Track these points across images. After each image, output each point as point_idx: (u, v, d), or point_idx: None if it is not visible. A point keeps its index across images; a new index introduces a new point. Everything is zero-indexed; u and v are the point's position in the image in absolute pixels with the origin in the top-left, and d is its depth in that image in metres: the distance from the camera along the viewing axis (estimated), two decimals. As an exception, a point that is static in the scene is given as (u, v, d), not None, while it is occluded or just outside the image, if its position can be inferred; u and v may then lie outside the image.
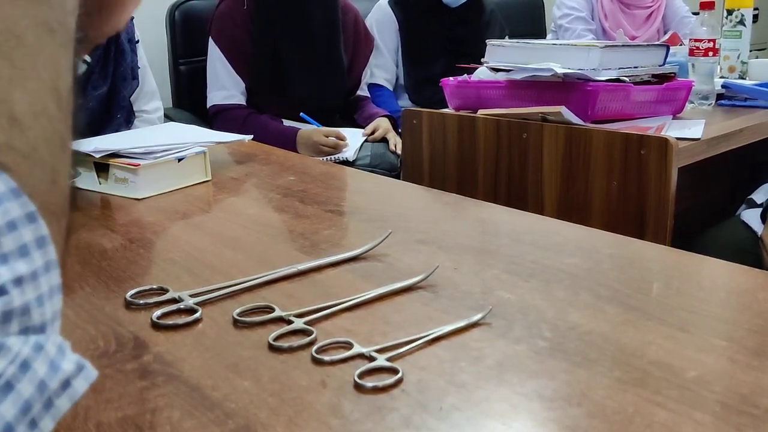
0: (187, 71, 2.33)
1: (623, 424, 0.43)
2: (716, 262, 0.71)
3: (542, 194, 1.39)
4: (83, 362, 0.26)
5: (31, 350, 0.24)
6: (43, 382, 0.24)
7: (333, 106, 2.32)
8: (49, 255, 0.25)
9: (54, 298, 0.26)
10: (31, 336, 0.24)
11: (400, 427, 0.44)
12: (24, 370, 0.23)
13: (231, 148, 1.26)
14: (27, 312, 0.24)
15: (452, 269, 0.68)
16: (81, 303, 0.63)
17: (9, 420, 0.23)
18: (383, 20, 2.52)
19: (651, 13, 2.61)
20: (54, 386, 0.24)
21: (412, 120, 1.61)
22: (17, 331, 0.24)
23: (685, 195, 1.33)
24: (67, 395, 0.25)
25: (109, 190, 0.99)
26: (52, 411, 0.25)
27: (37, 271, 0.25)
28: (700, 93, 1.67)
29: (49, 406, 0.24)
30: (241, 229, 0.83)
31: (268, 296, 0.63)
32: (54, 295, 0.26)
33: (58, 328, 0.26)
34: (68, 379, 0.25)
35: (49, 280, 0.25)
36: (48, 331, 0.25)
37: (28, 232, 0.25)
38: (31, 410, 0.24)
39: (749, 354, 0.51)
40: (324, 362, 0.51)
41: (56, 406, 0.25)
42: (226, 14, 2.15)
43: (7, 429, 0.22)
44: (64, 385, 0.25)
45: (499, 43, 1.57)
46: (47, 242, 0.25)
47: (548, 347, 0.53)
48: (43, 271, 0.25)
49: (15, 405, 0.23)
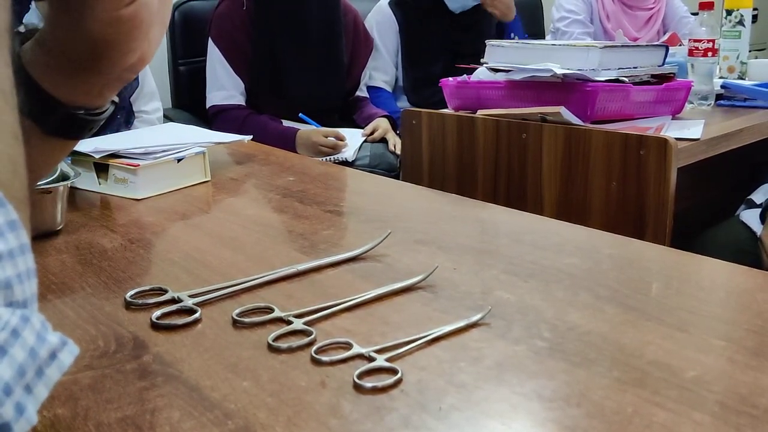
0: (187, 72, 2.33)
1: (622, 425, 0.43)
2: (715, 263, 0.71)
3: (541, 194, 1.39)
4: (65, 338, 0.26)
5: (19, 320, 0.24)
6: (34, 350, 0.24)
7: (332, 107, 2.32)
8: (22, 238, 0.26)
9: (31, 279, 0.26)
10: (17, 309, 0.25)
11: (400, 427, 0.44)
12: (15, 336, 0.24)
13: (230, 148, 1.26)
14: (10, 287, 0.25)
15: (451, 269, 0.68)
16: (81, 303, 0.63)
17: (7, 380, 0.23)
18: (383, 22, 2.51)
19: (652, 15, 2.61)
20: (43, 355, 0.25)
21: (411, 120, 1.61)
22: (3, 303, 0.24)
23: (684, 195, 1.33)
24: (56, 365, 0.26)
25: (109, 191, 0.99)
26: (44, 379, 0.25)
27: (13, 250, 0.25)
28: (699, 93, 1.67)
29: (40, 374, 0.25)
30: (240, 229, 0.83)
31: (268, 297, 0.63)
32: (31, 277, 0.26)
33: (36, 310, 0.27)
34: (54, 351, 0.26)
35: (25, 261, 0.26)
36: (30, 308, 0.26)
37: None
38: (26, 375, 0.24)
39: (748, 354, 0.51)
40: (323, 362, 0.51)
41: (47, 375, 0.25)
42: (225, 15, 2.15)
43: (6, 389, 0.23)
44: (51, 356, 0.25)
45: (499, 43, 1.58)
46: (19, 226, 0.26)
47: (547, 347, 0.53)
48: (19, 252, 0.26)
49: (11, 367, 0.23)
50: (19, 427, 0.23)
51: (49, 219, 0.82)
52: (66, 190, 0.85)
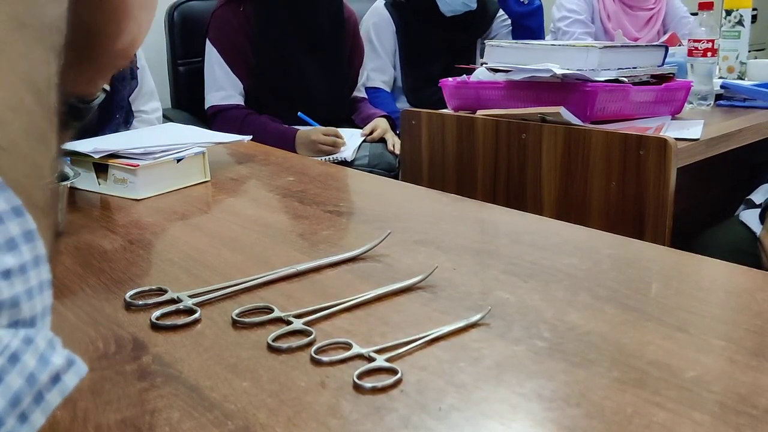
0: (186, 72, 2.33)
1: (622, 425, 0.43)
2: (715, 263, 0.71)
3: (541, 194, 1.39)
4: (73, 357, 0.26)
5: (20, 343, 0.24)
6: (33, 375, 0.24)
7: (337, 106, 2.33)
8: (37, 250, 0.25)
9: (44, 292, 0.25)
10: (20, 329, 0.24)
11: (399, 427, 0.44)
12: (13, 362, 0.23)
13: (230, 148, 1.26)
14: (17, 305, 0.24)
15: (451, 270, 0.68)
16: (81, 304, 0.63)
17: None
18: (381, 23, 2.52)
19: (652, 15, 2.61)
20: (44, 380, 0.24)
21: (410, 120, 1.61)
22: (6, 323, 0.24)
23: (684, 195, 1.33)
24: (58, 389, 0.25)
25: (109, 191, 0.99)
26: (43, 405, 0.24)
27: (25, 264, 0.24)
28: (699, 93, 1.67)
29: (39, 400, 0.24)
30: (240, 229, 0.83)
31: (267, 297, 0.63)
32: (44, 290, 0.25)
33: (48, 323, 0.26)
34: (58, 374, 0.25)
35: (38, 274, 0.25)
36: (38, 325, 0.25)
37: (15, 226, 0.24)
38: (21, 403, 0.23)
39: (748, 354, 0.51)
40: (323, 363, 0.51)
41: (47, 400, 0.24)
42: (223, 16, 2.15)
43: None
44: (54, 380, 0.25)
45: (498, 43, 1.58)
46: (35, 237, 0.25)
47: (547, 348, 0.53)
48: (32, 265, 0.25)
49: (4, 397, 0.23)
50: None
51: (48, 219, 0.82)
52: (65, 190, 0.84)
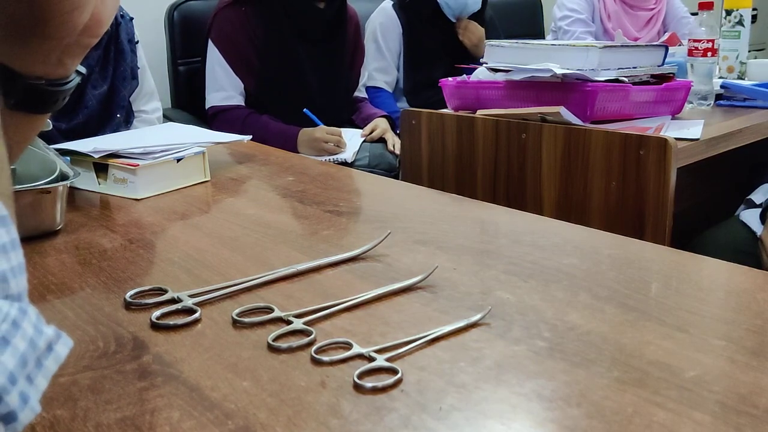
0: (186, 72, 2.33)
1: (622, 425, 0.43)
2: (715, 263, 0.71)
3: (541, 194, 1.39)
4: (59, 331, 0.27)
5: (18, 312, 0.25)
6: (33, 341, 0.25)
7: (340, 107, 2.33)
8: (12, 234, 0.26)
9: (23, 274, 0.27)
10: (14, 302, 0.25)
11: (399, 427, 0.44)
12: (16, 327, 0.24)
13: (230, 148, 1.26)
14: (6, 280, 0.25)
15: (451, 269, 0.68)
16: (80, 303, 0.63)
17: (11, 369, 0.24)
18: (388, 23, 2.52)
19: (653, 15, 2.61)
20: (42, 346, 0.25)
21: (411, 120, 1.61)
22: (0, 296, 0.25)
23: (684, 195, 1.34)
24: (53, 357, 0.26)
25: (109, 191, 0.99)
26: (43, 371, 0.25)
27: (5, 245, 0.26)
28: (699, 93, 1.67)
29: (39, 365, 0.25)
30: (240, 229, 0.83)
31: (267, 297, 0.63)
32: (22, 272, 0.27)
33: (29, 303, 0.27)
34: (51, 343, 0.26)
35: (17, 256, 0.26)
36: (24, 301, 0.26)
37: None
38: (27, 365, 0.24)
39: (748, 354, 0.51)
40: (323, 362, 0.51)
41: (46, 366, 0.26)
42: (225, 17, 2.15)
43: (11, 378, 0.23)
44: (48, 348, 0.26)
45: (498, 43, 1.58)
46: (9, 222, 0.26)
47: (547, 347, 0.53)
48: (11, 247, 0.26)
49: (14, 357, 0.24)
50: (24, 415, 0.24)
51: (48, 219, 0.82)
52: (65, 190, 0.85)
